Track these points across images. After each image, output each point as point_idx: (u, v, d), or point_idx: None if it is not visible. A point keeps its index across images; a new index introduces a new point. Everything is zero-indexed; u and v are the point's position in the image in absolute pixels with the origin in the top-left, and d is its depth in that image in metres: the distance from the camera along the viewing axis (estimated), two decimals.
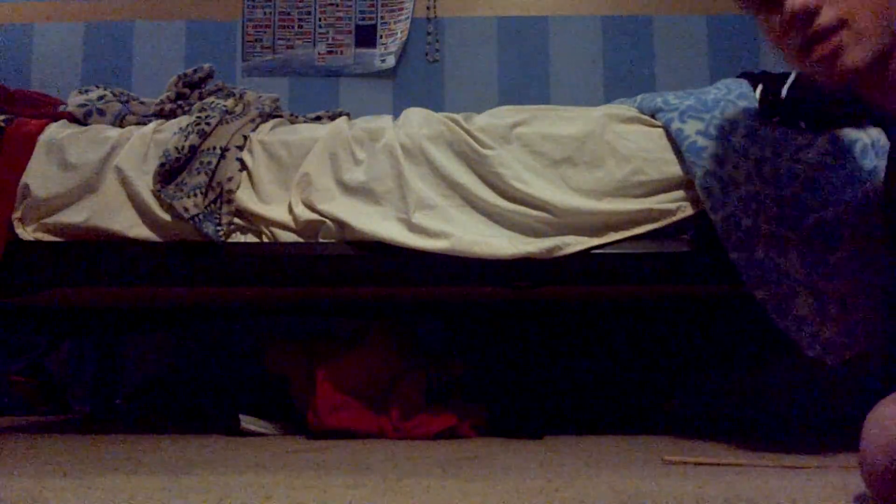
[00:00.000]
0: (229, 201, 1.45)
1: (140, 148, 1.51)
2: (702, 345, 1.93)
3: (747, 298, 1.37)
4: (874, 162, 1.39)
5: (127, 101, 1.73)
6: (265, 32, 2.39)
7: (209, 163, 1.46)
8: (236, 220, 1.47)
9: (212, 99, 1.68)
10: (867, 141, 1.43)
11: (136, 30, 2.40)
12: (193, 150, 1.47)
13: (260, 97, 1.71)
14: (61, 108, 1.69)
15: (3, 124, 1.52)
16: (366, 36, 2.37)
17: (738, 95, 1.51)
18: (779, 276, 1.34)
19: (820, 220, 1.35)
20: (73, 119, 1.63)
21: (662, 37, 2.35)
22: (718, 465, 1.14)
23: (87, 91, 1.72)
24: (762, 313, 1.35)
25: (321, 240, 1.46)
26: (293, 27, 2.39)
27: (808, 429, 1.60)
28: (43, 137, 1.53)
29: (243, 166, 1.50)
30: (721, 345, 1.81)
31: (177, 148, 1.46)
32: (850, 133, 1.44)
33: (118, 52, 2.39)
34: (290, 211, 1.47)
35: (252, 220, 1.47)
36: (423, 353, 1.75)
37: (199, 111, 1.57)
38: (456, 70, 2.36)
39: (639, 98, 1.62)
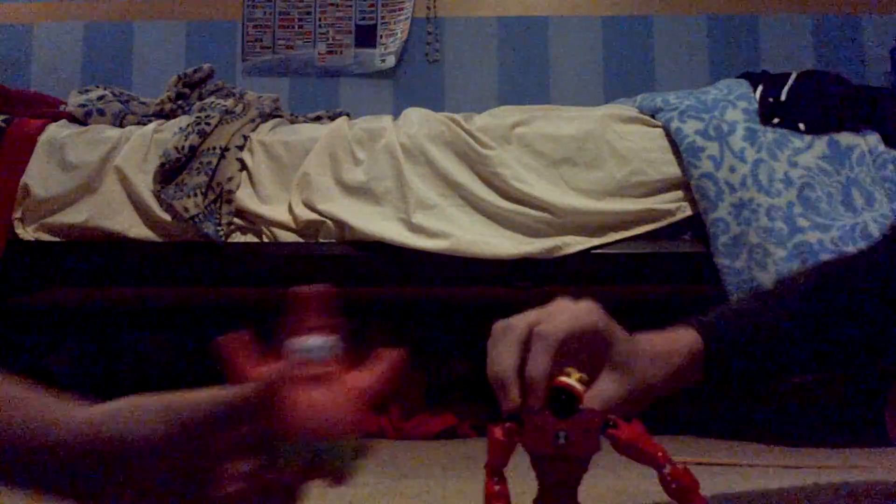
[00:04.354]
0: (229, 201, 1.45)
1: (140, 148, 1.51)
2: None
3: None
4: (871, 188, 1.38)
5: (127, 101, 1.74)
6: (265, 32, 2.39)
7: (209, 163, 1.46)
8: (236, 220, 1.47)
9: (212, 99, 1.68)
10: (865, 148, 1.43)
11: (136, 30, 2.40)
12: (193, 150, 1.47)
13: (260, 97, 1.71)
14: (61, 108, 1.69)
15: (3, 124, 1.52)
16: (366, 36, 2.37)
17: (738, 96, 1.51)
18: (753, 288, 1.35)
19: (802, 242, 1.35)
20: (73, 119, 1.63)
21: (662, 37, 2.35)
22: (718, 465, 1.14)
23: (87, 91, 1.72)
24: None
25: (321, 240, 1.46)
26: (293, 27, 2.39)
27: (810, 427, 1.60)
28: (43, 137, 1.53)
29: (243, 166, 1.50)
30: None
31: (177, 148, 1.46)
32: (848, 138, 1.44)
33: (118, 52, 2.39)
34: (290, 211, 1.47)
35: (252, 220, 1.47)
36: (423, 353, 1.75)
37: (199, 111, 1.57)
38: (456, 70, 2.36)
39: (639, 98, 1.62)
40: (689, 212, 1.44)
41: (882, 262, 0.70)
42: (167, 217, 1.45)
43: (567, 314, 0.57)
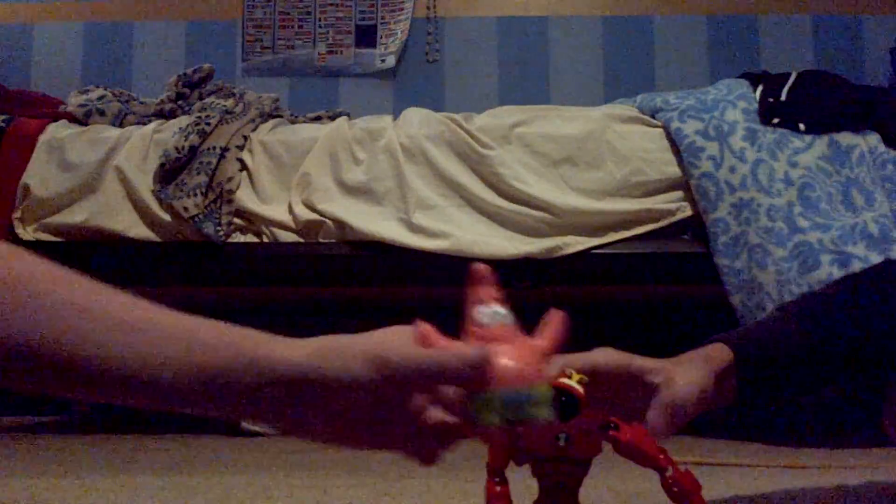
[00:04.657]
0: (229, 201, 1.45)
1: (140, 148, 1.51)
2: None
3: None
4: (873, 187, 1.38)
5: (127, 101, 1.73)
6: (265, 32, 2.39)
7: (209, 163, 1.46)
8: (236, 220, 1.47)
9: (212, 99, 1.68)
10: (865, 148, 1.43)
11: (136, 30, 2.40)
12: (193, 150, 1.47)
13: (260, 97, 1.71)
14: (61, 108, 1.69)
15: (3, 124, 1.52)
16: (366, 36, 2.37)
17: (738, 96, 1.51)
18: (753, 288, 1.35)
19: (802, 242, 1.34)
20: (73, 119, 1.63)
21: (662, 37, 2.34)
22: (719, 465, 1.14)
23: (87, 91, 1.72)
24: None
25: (321, 240, 1.46)
26: (293, 27, 2.39)
27: (810, 427, 1.60)
28: (43, 137, 1.53)
29: (243, 166, 1.50)
30: None
31: (177, 148, 1.46)
32: (848, 138, 1.44)
33: (118, 52, 2.38)
34: (290, 211, 1.47)
35: (252, 220, 1.47)
36: None
37: (199, 111, 1.57)
38: (456, 70, 2.36)
39: (639, 98, 1.62)
40: (689, 212, 1.44)
41: None
42: (167, 217, 1.45)
43: (584, 353, 0.59)
